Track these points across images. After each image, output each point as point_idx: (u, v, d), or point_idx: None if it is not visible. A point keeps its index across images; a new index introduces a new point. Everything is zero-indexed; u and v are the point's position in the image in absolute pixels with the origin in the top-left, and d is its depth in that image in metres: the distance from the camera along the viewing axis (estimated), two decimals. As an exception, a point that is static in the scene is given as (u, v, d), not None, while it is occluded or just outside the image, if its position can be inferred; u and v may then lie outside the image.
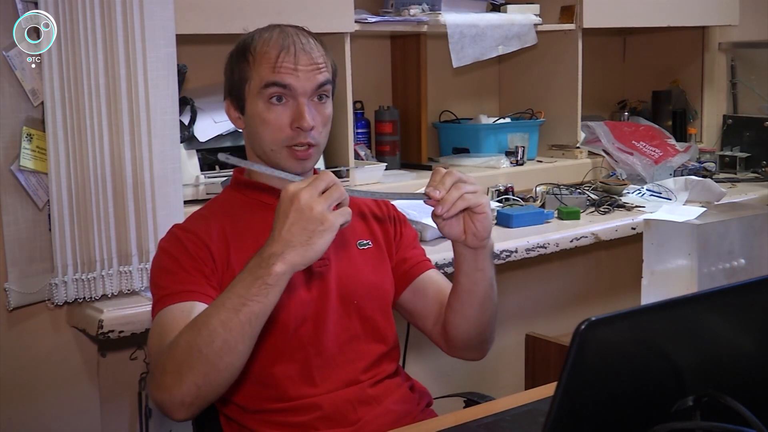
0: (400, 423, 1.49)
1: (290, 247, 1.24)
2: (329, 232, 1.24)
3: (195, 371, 1.27)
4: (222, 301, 1.28)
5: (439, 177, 1.38)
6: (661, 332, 0.95)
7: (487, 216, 1.40)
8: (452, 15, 2.62)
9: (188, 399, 1.28)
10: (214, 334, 1.26)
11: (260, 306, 1.26)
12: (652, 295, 1.69)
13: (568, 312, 3.14)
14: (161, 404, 1.30)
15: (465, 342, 1.57)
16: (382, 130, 2.78)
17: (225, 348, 1.26)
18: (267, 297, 1.25)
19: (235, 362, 1.28)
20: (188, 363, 1.27)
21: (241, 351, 1.28)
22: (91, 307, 1.89)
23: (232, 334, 1.26)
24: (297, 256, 1.25)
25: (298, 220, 1.24)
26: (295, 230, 1.24)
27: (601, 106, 3.50)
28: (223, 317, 1.26)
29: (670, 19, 3.20)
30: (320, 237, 1.24)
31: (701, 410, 0.95)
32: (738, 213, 1.78)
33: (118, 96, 1.87)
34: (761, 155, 3.27)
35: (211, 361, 1.26)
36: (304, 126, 1.46)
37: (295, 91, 1.47)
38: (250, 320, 1.26)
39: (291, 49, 1.48)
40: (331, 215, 1.24)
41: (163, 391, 1.29)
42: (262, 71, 1.48)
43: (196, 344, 1.27)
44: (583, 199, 2.66)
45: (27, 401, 1.99)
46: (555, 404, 0.88)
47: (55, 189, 1.84)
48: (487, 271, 1.48)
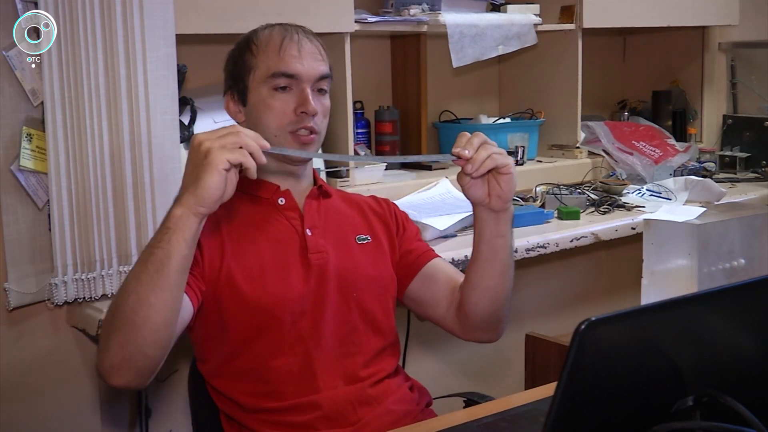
0: (400, 423, 1.49)
1: (185, 189, 1.27)
2: (213, 167, 1.24)
3: (117, 331, 1.28)
4: (139, 257, 1.31)
5: (465, 139, 1.41)
6: (661, 332, 0.95)
7: (512, 177, 1.43)
8: (452, 15, 2.62)
9: (116, 361, 1.29)
10: (128, 289, 1.28)
11: (162, 252, 1.26)
12: (652, 295, 1.69)
13: (568, 312, 3.14)
14: (98, 371, 1.33)
15: (482, 320, 1.58)
16: (382, 130, 2.78)
17: (138, 301, 1.27)
18: (170, 242, 1.26)
19: (151, 316, 1.27)
20: (111, 323, 1.29)
21: (154, 304, 1.27)
22: (91, 307, 1.89)
23: (143, 287, 1.27)
24: (190, 196, 1.26)
25: (191, 160, 1.27)
26: (188, 170, 1.28)
27: (601, 106, 3.50)
28: (135, 270, 1.29)
29: (670, 19, 3.20)
30: (206, 172, 1.24)
31: (701, 410, 0.95)
32: (738, 213, 1.78)
33: (118, 96, 1.87)
34: (761, 155, 3.27)
35: (128, 317, 1.27)
36: (309, 110, 1.50)
37: (300, 78, 1.51)
38: (157, 269, 1.26)
39: (294, 37, 1.53)
40: (217, 150, 1.24)
41: (98, 358, 1.32)
42: (268, 59, 1.52)
43: (117, 302, 1.29)
44: (583, 199, 2.66)
45: (27, 401, 1.99)
46: (555, 404, 0.88)
47: (55, 189, 1.84)
48: (508, 237, 1.50)
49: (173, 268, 1.27)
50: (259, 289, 1.48)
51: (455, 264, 2.15)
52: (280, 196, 1.57)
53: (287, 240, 1.54)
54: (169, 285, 1.27)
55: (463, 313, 1.58)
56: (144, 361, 1.31)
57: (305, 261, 1.52)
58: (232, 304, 1.47)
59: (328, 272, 1.53)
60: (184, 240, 1.27)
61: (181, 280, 1.30)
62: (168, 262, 1.26)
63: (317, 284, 1.51)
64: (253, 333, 1.48)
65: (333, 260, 1.54)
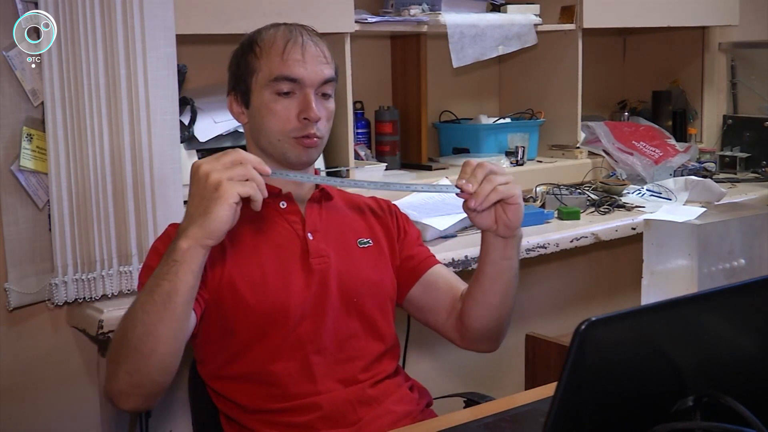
0: (400, 423, 1.49)
1: (192, 221, 1.25)
2: (224, 200, 1.23)
3: (125, 359, 1.29)
4: (145, 287, 1.29)
5: (470, 169, 1.39)
6: (661, 332, 0.95)
7: (519, 206, 1.41)
8: (452, 15, 2.62)
9: (125, 388, 1.29)
10: (135, 319, 1.27)
11: (170, 284, 1.25)
12: (652, 296, 1.69)
13: (568, 312, 3.14)
14: (106, 395, 1.33)
15: (482, 333, 1.57)
16: (382, 130, 2.78)
17: (145, 332, 1.26)
18: (177, 275, 1.25)
19: (158, 347, 1.27)
20: (119, 352, 1.29)
21: (162, 335, 1.27)
22: (91, 307, 1.89)
23: (150, 317, 1.26)
24: (198, 229, 1.24)
25: (197, 191, 1.25)
26: (195, 202, 1.25)
27: (601, 106, 3.50)
28: (142, 300, 1.27)
29: (670, 20, 3.20)
30: (216, 205, 1.23)
31: (701, 410, 0.95)
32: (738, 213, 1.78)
33: (118, 96, 1.87)
34: (761, 155, 3.27)
35: (135, 347, 1.27)
36: (312, 116, 1.48)
37: (303, 83, 1.49)
38: (164, 301, 1.25)
39: (299, 39, 1.50)
40: (227, 183, 1.23)
41: (106, 382, 1.32)
42: (271, 63, 1.50)
43: (123, 332, 1.29)
44: (583, 199, 2.66)
45: (27, 401, 1.99)
46: (555, 404, 0.88)
47: (55, 189, 1.84)
48: (513, 260, 1.50)
49: (180, 300, 1.27)
50: (261, 294, 1.47)
51: (456, 264, 2.15)
52: (282, 200, 1.56)
53: (288, 244, 1.53)
54: (177, 316, 1.28)
55: (464, 324, 1.57)
56: (152, 387, 1.32)
57: (306, 266, 1.51)
58: (233, 308, 1.47)
59: (330, 277, 1.52)
60: (191, 272, 1.26)
61: (188, 309, 1.30)
62: (175, 294, 1.26)
63: (318, 289, 1.51)
64: (253, 337, 1.48)
65: (334, 265, 1.53)
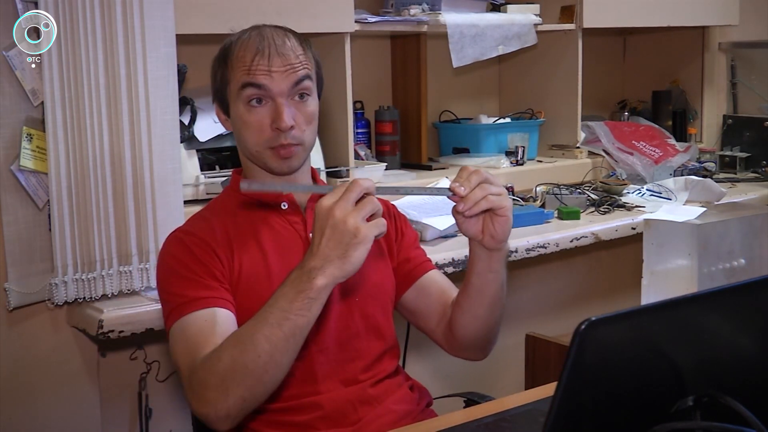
0: (401, 423, 1.49)
1: (329, 262, 1.25)
2: (363, 244, 1.24)
3: (241, 386, 1.29)
4: (264, 316, 1.29)
5: (465, 174, 1.38)
6: (661, 332, 0.95)
7: (507, 220, 1.40)
8: (452, 15, 2.62)
9: (234, 411, 1.31)
10: (259, 349, 1.28)
11: (304, 320, 1.28)
12: (652, 295, 1.69)
13: (568, 312, 3.14)
14: (206, 418, 1.32)
15: (470, 342, 1.58)
16: (382, 130, 2.78)
17: (270, 362, 1.28)
18: (310, 311, 1.27)
19: (279, 375, 1.31)
20: (233, 378, 1.29)
21: (285, 364, 1.30)
22: (91, 307, 1.89)
23: (278, 349, 1.28)
24: (336, 270, 1.25)
25: (334, 235, 1.25)
26: (332, 245, 1.25)
27: (601, 106, 3.50)
28: (267, 332, 1.28)
29: (670, 19, 3.20)
30: (355, 249, 1.24)
31: (701, 410, 0.95)
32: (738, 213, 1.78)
33: (118, 96, 1.87)
34: (761, 155, 3.27)
35: (257, 375, 1.29)
36: (282, 126, 1.47)
37: (271, 91, 1.48)
38: (294, 334, 1.28)
39: (265, 52, 1.48)
40: (365, 227, 1.24)
41: (207, 406, 1.31)
42: (238, 73, 1.49)
43: (242, 360, 1.29)
44: (583, 199, 2.66)
45: (27, 401, 1.99)
46: (555, 404, 0.88)
47: (55, 189, 1.84)
48: (499, 273, 1.49)
49: (306, 333, 1.30)
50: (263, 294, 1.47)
51: (455, 264, 2.15)
52: (283, 201, 1.56)
53: (291, 245, 1.53)
54: (299, 347, 1.31)
55: (452, 332, 1.58)
56: (256, 406, 1.35)
57: None
58: (238, 309, 1.47)
59: None
60: (321, 306, 1.28)
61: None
62: (306, 329, 1.29)
63: None
64: None
65: None
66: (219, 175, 2.18)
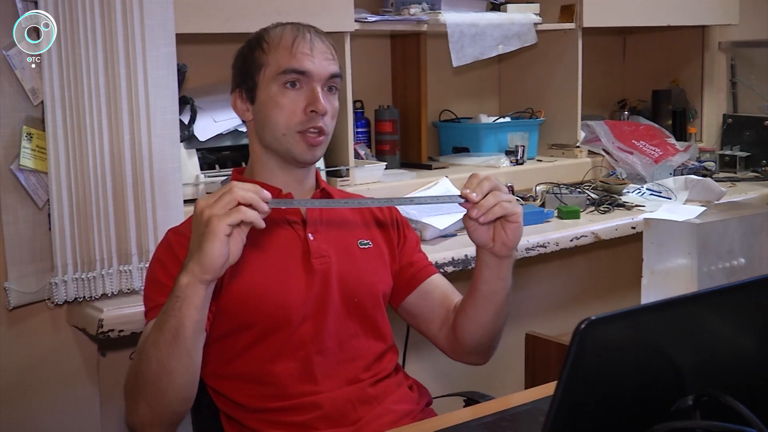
0: (400, 422, 1.49)
1: (191, 256, 1.26)
2: (214, 234, 1.22)
3: (143, 395, 1.31)
4: (156, 321, 1.31)
5: (476, 181, 1.38)
6: (661, 332, 0.95)
7: (519, 226, 1.40)
8: (452, 14, 2.62)
9: (147, 420, 1.32)
10: (149, 355, 1.29)
11: (176, 320, 1.26)
12: (652, 295, 1.69)
13: (568, 311, 3.14)
14: (129, 426, 1.35)
15: (473, 347, 1.58)
16: (382, 130, 2.78)
17: (160, 368, 1.28)
18: (180, 310, 1.26)
19: (174, 381, 1.29)
20: (136, 387, 1.32)
21: (175, 369, 1.29)
22: (91, 306, 1.89)
23: (162, 353, 1.28)
24: (195, 265, 1.25)
25: (195, 228, 1.26)
26: (193, 239, 1.26)
27: (601, 105, 3.50)
28: (153, 338, 1.29)
29: (670, 19, 3.20)
30: (207, 240, 1.23)
31: (701, 409, 0.95)
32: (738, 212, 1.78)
33: (118, 95, 1.87)
34: (761, 154, 3.27)
35: (152, 382, 1.29)
36: (319, 109, 1.49)
37: (311, 76, 1.50)
38: (173, 337, 1.27)
39: (306, 35, 1.51)
40: (216, 218, 1.23)
41: (128, 416, 1.35)
42: (279, 56, 1.50)
43: (139, 369, 1.31)
44: (583, 199, 2.66)
45: (27, 401, 1.99)
46: (555, 403, 0.88)
47: (55, 188, 1.84)
48: (507, 280, 1.49)
49: (188, 335, 1.28)
50: (263, 295, 1.47)
51: (455, 263, 2.15)
52: None
53: (289, 244, 1.53)
54: (187, 350, 1.29)
55: (455, 337, 1.58)
56: (172, 416, 1.35)
57: (308, 266, 1.51)
58: (236, 310, 1.47)
59: (331, 277, 1.52)
60: (194, 307, 1.26)
61: (197, 343, 1.31)
62: (182, 330, 1.27)
63: (320, 289, 1.51)
64: (255, 338, 1.48)
65: (335, 265, 1.53)
66: (219, 175, 2.18)
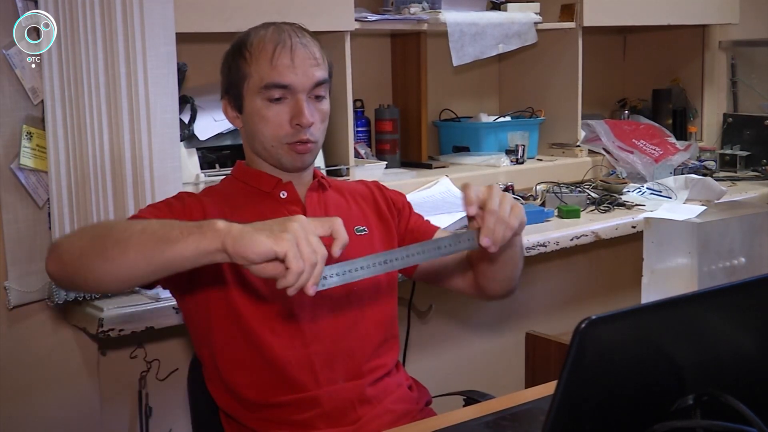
0: (400, 422, 1.49)
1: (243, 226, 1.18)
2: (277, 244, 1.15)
3: (85, 240, 1.29)
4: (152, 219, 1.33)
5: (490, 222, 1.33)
6: (661, 331, 0.95)
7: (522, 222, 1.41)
8: (452, 13, 2.62)
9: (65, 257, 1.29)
10: (119, 230, 1.26)
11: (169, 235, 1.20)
12: (652, 294, 1.69)
13: (568, 311, 3.14)
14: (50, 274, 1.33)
15: (499, 293, 1.66)
16: (382, 129, 2.78)
17: (117, 249, 1.23)
18: (183, 234, 1.19)
19: (116, 257, 1.23)
20: (88, 232, 1.34)
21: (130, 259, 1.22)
22: (91, 305, 1.89)
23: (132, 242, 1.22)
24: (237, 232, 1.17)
25: (274, 222, 1.19)
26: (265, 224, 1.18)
27: (602, 104, 3.50)
28: (138, 227, 1.24)
29: (671, 18, 3.20)
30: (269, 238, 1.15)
31: (701, 409, 0.95)
32: (738, 211, 1.78)
33: (118, 94, 1.87)
34: (761, 154, 3.27)
35: (98, 252, 1.25)
36: (304, 123, 1.48)
37: (294, 89, 1.49)
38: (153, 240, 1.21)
39: (288, 42, 1.50)
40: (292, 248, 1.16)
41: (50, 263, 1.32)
42: (261, 69, 1.49)
43: (99, 233, 1.29)
44: (583, 198, 2.66)
45: (27, 400, 1.99)
46: (555, 403, 0.88)
47: (55, 187, 1.84)
48: (518, 244, 1.53)
49: (161, 255, 1.21)
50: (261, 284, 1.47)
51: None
52: (282, 189, 1.57)
53: None
54: (146, 261, 1.22)
55: (480, 289, 1.64)
56: (81, 284, 1.32)
57: None
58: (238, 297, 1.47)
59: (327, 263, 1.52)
60: (193, 246, 1.19)
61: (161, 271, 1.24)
62: (163, 246, 1.20)
63: None
64: (256, 325, 1.48)
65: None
66: (219, 174, 2.18)
